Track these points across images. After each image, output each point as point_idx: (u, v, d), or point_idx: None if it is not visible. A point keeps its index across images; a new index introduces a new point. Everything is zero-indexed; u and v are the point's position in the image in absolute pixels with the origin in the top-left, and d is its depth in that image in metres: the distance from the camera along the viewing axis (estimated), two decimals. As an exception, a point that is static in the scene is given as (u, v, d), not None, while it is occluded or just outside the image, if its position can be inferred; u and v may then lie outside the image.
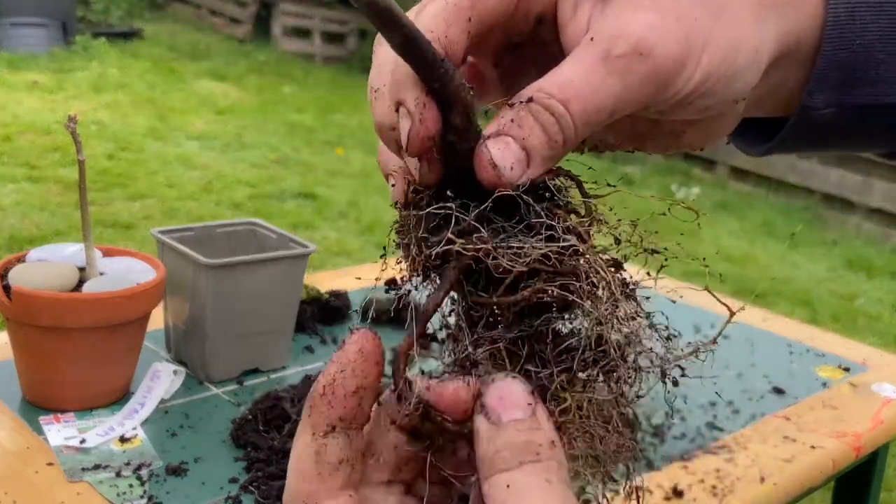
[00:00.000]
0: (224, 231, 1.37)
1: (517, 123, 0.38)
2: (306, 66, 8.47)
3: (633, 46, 0.38)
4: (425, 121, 0.37)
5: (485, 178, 0.38)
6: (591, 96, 0.38)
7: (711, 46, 0.40)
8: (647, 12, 0.39)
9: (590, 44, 0.39)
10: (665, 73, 0.39)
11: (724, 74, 0.41)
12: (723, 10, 0.40)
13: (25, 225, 4.05)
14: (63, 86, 6.57)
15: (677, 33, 0.39)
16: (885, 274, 4.71)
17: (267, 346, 1.30)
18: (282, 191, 4.97)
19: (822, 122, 0.46)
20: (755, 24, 0.41)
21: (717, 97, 0.42)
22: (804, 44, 0.44)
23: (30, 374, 1.15)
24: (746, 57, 0.41)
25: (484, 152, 0.38)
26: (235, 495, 1.00)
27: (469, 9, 0.39)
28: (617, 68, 0.38)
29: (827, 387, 1.43)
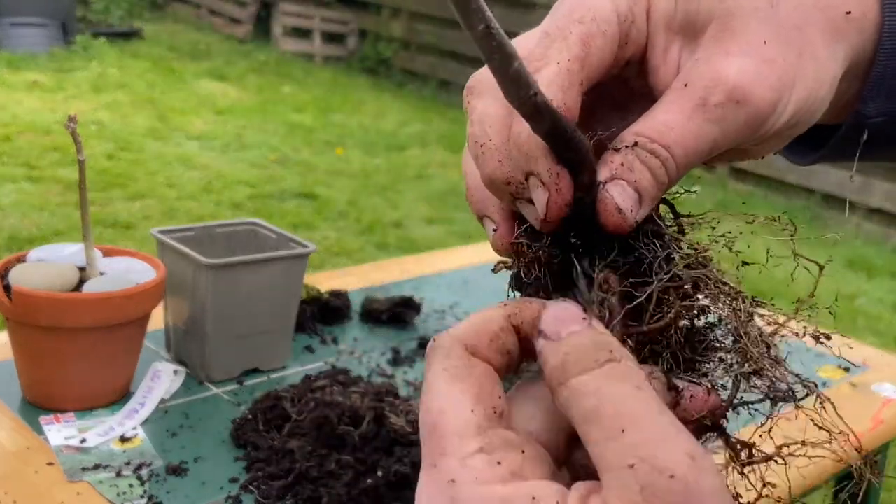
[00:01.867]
0: (224, 231, 1.37)
1: (627, 167, 0.40)
2: (306, 66, 8.47)
3: (729, 94, 0.40)
4: (561, 190, 0.40)
5: (611, 223, 0.40)
6: (691, 142, 0.41)
7: (799, 85, 0.42)
8: (737, 57, 0.41)
9: (684, 90, 0.41)
10: (760, 117, 0.41)
11: (809, 108, 0.43)
12: (804, 47, 0.42)
13: (25, 225, 4.05)
14: (63, 86, 6.57)
15: (770, 77, 0.41)
16: (886, 274, 4.71)
17: (267, 346, 1.30)
18: (282, 191, 4.97)
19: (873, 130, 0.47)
20: (829, 53, 0.43)
21: (801, 127, 0.44)
22: (863, 58, 0.46)
23: (30, 373, 1.15)
24: (827, 88, 0.43)
25: (607, 198, 0.40)
26: (235, 495, 1.00)
27: (580, 72, 0.40)
28: (715, 116, 0.40)
29: (827, 387, 1.43)
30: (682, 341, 0.41)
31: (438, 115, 7.30)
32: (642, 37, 0.43)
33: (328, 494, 0.97)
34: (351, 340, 1.45)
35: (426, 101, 7.80)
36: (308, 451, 1.04)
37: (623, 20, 0.42)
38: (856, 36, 0.45)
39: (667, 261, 0.41)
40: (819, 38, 0.43)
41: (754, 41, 0.41)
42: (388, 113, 7.16)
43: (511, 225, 0.44)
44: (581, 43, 0.41)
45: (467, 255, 1.90)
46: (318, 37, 8.93)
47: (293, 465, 1.02)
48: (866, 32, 0.45)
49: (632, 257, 0.41)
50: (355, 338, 1.46)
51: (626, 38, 0.42)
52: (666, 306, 0.41)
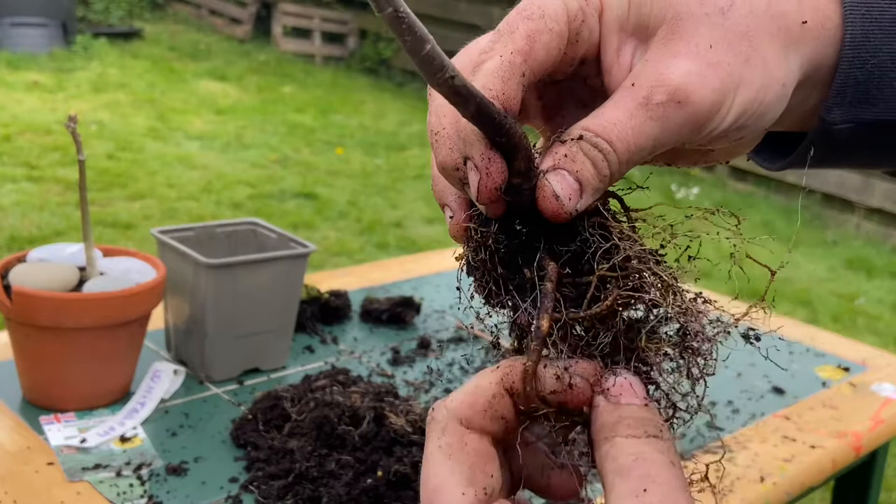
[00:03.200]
0: (224, 231, 1.37)
1: (570, 158, 0.42)
2: (306, 66, 8.47)
3: (671, 94, 0.42)
4: (492, 173, 0.42)
5: (547, 209, 0.42)
6: (633, 138, 0.42)
7: (743, 89, 0.43)
8: (683, 59, 0.43)
9: (631, 89, 0.43)
10: (701, 118, 0.43)
11: (755, 112, 0.44)
12: (752, 53, 0.44)
13: (25, 225, 4.05)
14: (63, 86, 6.57)
15: (712, 80, 0.43)
16: (885, 274, 4.71)
17: (267, 346, 1.30)
18: (282, 191, 4.97)
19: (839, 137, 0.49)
20: (781, 60, 0.45)
21: (749, 130, 0.46)
22: (824, 66, 0.47)
23: (30, 373, 1.15)
24: (775, 93, 0.45)
25: (545, 186, 0.42)
26: (235, 495, 1.00)
27: (522, 64, 0.43)
28: (657, 114, 0.42)
29: (827, 387, 1.43)
30: (623, 330, 0.43)
31: (438, 115, 7.29)
32: (594, 36, 0.45)
33: (328, 494, 0.97)
34: (351, 340, 1.45)
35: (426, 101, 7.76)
36: (308, 451, 1.04)
37: (573, 18, 0.44)
38: (813, 44, 0.46)
39: (608, 252, 0.43)
40: (769, 45, 0.44)
41: (701, 45, 0.43)
42: (388, 113, 7.16)
43: (465, 211, 0.46)
44: (526, 38, 0.43)
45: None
46: (318, 37, 8.93)
47: (293, 465, 1.02)
48: (825, 41, 0.46)
49: (574, 245, 0.43)
50: (355, 338, 1.46)
51: (575, 36, 0.44)
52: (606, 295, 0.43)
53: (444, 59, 0.38)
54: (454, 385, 1.32)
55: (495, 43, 0.44)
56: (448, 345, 1.46)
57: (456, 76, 0.38)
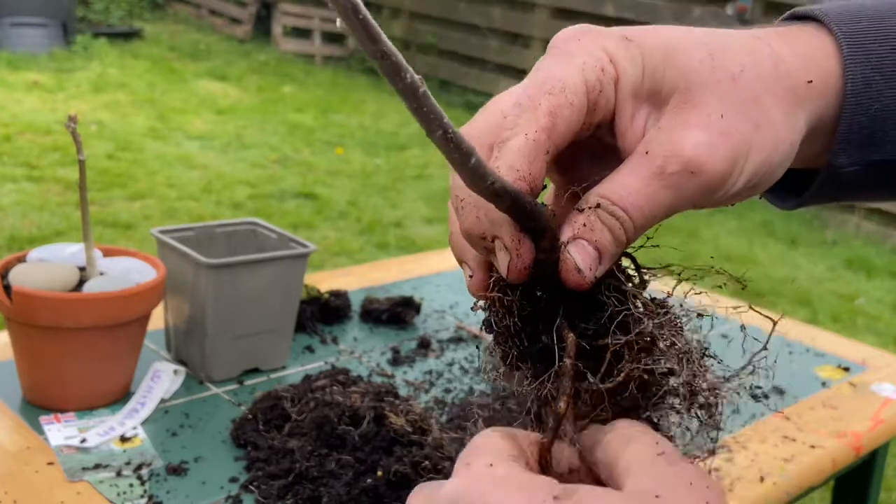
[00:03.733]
0: (224, 231, 1.37)
1: (589, 227, 0.44)
2: (306, 66, 8.47)
3: (684, 165, 0.44)
4: (522, 254, 0.44)
5: (571, 281, 0.44)
6: (647, 206, 0.44)
7: (753, 153, 0.45)
8: (696, 130, 0.44)
9: (645, 157, 0.44)
10: (713, 185, 0.45)
11: (765, 173, 0.47)
12: (761, 117, 0.46)
13: (25, 225, 4.05)
14: (63, 86, 6.57)
15: (723, 149, 0.44)
16: (885, 274, 4.71)
17: (267, 346, 1.30)
18: (282, 191, 4.97)
19: (848, 179, 0.52)
20: (788, 120, 0.47)
21: (763, 186, 0.48)
22: (827, 117, 0.49)
23: (30, 373, 1.15)
24: (784, 152, 0.47)
25: (569, 259, 0.44)
26: (236, 495, 1.00)
27: (546, 142, 0.44)
28: (670, 183, 0.44)
29: (827, 386, 1.43)
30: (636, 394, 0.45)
31: (438, 115, 7.29)
32: (611, 103, 0.46)
33: (328, 494, 0.97)
34: (351, 340, 1.45)
35: (426, 101, 7.79)
36: (308, 451, 1.04)
37: (591, 90, 0.45)
38: (817, 101, 0.48)
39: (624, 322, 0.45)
40: (776, 107, 0.46)
41: (713, 114, 0.45)
42: (388, 113, 7.16)
43: (485, 273, 0.48)
44: (549, 114, 0.44)
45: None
46: (318, 37, 8.93)
47: (293, 465, 1.02)
48: (829, 96, 0.49)
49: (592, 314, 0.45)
50: (355, 338, 1.46)
51: (594, 106, 0.46)
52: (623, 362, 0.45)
53: (486, 168, 0.40)
54: (454, 385, 1.32)
55: (518, 118, 0.44)
56: (448, 345, 1.46)
57: (496, 181, 0.40)
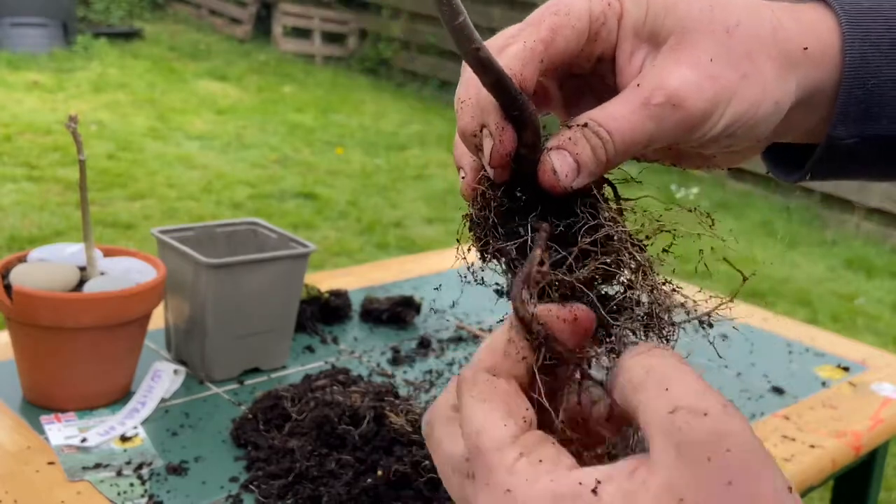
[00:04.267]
0: (224, 231, 1.37)
1: (573, 141, 0.47)
2: (306, 66, 8.47)
3: (668, 98, 0.47)
4: (504, 141, 0.47)
5: (545, 181, 0.47)
6: (629, 132, 0.47)
7: (736, 101, 0.49)
8: (684, 68, 0.48)
9: (636, 89, 0.48)
10: (692, 122, 0.48)
11: (745, 123, 0.49)
12: (751, 70, 0.49)
13: (26, 225, 4.05)
14: (63, 86, 6.57)
15: (707, 91, 0.48)
16: (885, 274, 4.71)
17: (267, 346, 1.30)
18: (282, 191, 4.97)
19: (847, 152, 0.54)
20: (778, 80, 0.50)
21: (739, 139, 0.51)
22: (826, 88, 0.52)
23: (31, 373, 1.15)
24: (767, 109, 0.50)
25: (547, 161, 0.47)
26: (236, 494, 1.00)
27: (542, 52, 0.48)
28: (654, 113, 0.48)
29: (826, 386, 1.44)
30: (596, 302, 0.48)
31: (438, 115, 7.30)
32: (612, 37, 0.50)
33: (328, 493, 0.98)
34: (351, 340, 1.45)
35: (426, 101, 7.80)
36: (308, 451, 1.04)
37: (595, 19, 0.49)
38: (813, 69, 0.52)
39: (594, 229, 0.48)
40: (768, 65, 0.50)
41: (703, 57, 0.48)
42: (388, 113, 7.17)
43: (476, 174, 0.51)
44: (549, 30, 0.48)
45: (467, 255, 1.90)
46: (318, 37, 8.93)
47: (293, 465, 1.02)
48: (826, 66, 0.52)
49: (565, 219, 0.49)
50: (355, 337, 1.46)
51: (595, 35, 0.49)
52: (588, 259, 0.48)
53: (473, 32, 0.42)
54: (454, 385, 1.32)
55: (522, 31, 0.49)
56: (448, 344, 1.46)
57: (481, 48, 0.43)
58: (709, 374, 1.44)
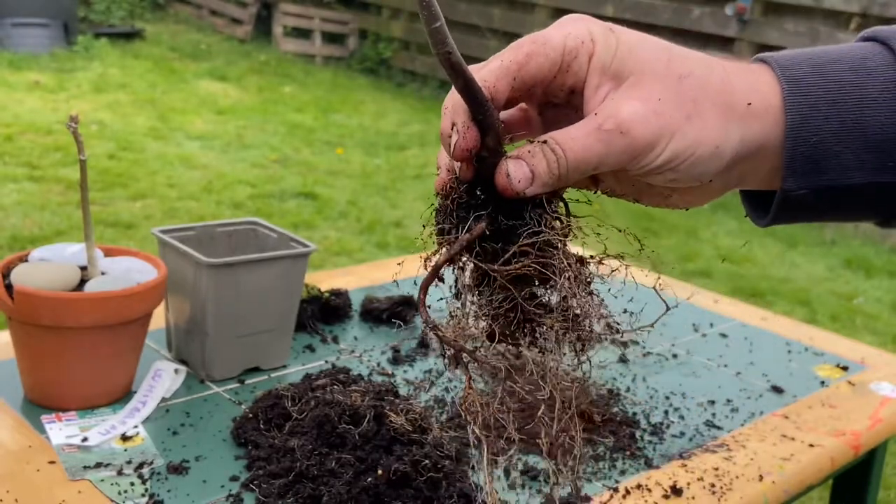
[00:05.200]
0: (225, 230, 1.37)
1: (531, 154, 0.55)
2: (306, 66, 8.47)
3: (617, 125, 0.54)
4: (467, 138, 0.54)
5: (499, 183, 0.55)
6: (581, 151, 0.55)
7: (678, 138, 0.55)
8: (636, 102, 0.55)
9: (593, 117, 0.55)
10: (637, 149, 0.55)
11: (685, 160, 0.56)
12: (694, 114, 0.55)
13: (27, 224, 4.06)
14: (64, 86, 6.57)
15: (652, 124, 0.54)
16: (884, 273, 4.71)
17: (268, 345, 1.30)
18: (282, 191, 4.98)
19: (801, 201, 0.59)
20: (720, 129, 0.56)
21: (681, 175, 0.57)
22: (770, 143, 0.58)
23: (32, 373, 1.16)
24: (706, 151, 0.56)
25: (503, 165, 0.55)
26: (236, 493, 1.01)
27: (515, 71, 0.55)
28: (603, 138, 0.54)
29: (825, 386, 1.44)
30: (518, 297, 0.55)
31: (438, 115, 7.15)
32: (582, 72, 0.57)
33: (328, 493, 0.98)
34: (351, 339, 1.45)
35: (426, 101, 7.80)
36: (308, 450, 1.04)
37: (568, 52, 0.56)
38: (755, 122, 0.57)
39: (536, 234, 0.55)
40: (711, 113, 0.56)
41: (653, 97, 0.55)
42: (388, 113, 7.17)
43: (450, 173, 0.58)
44: (525, 55, 0.56)
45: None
46: (318, 37, 8.93)
47: (294, 464, 1.03)
48: (768, 121, 0.57)
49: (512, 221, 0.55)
50: (355, 337, 1.46)
51: (567, 67, 0.56)
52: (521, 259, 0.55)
53: (447, 37, 0.49)
54: (454, 384, 1.32)
55: (503, 52, 0.56)
56: (448, 344, 1.46)
57: (452, 53, 0.50)
58: (708, 373, 1.45)
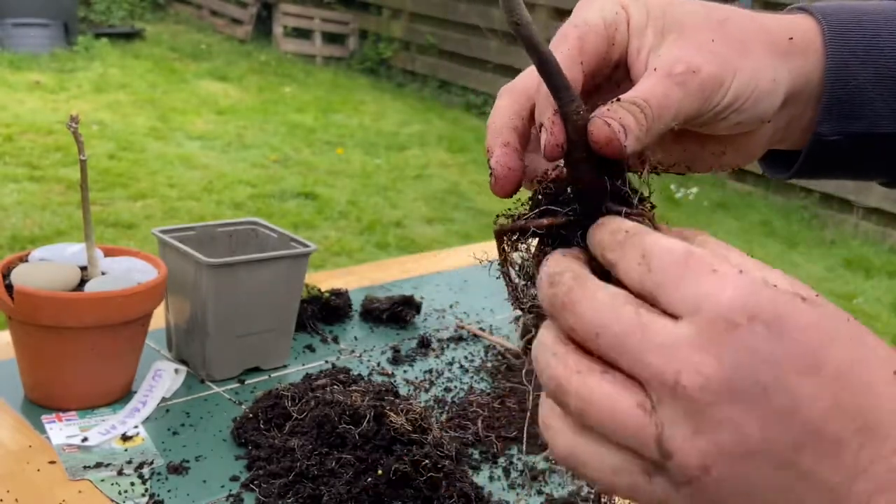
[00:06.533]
0: (225, 230, 1.37)
1: (611, 112, 0.48)
2: (307, 66, 8.47)
3: (687, 65, 0.53)
4: (555, 133, 0.49)
5: (600, 138, 0.47)
6: (663, 97, 0.51)
7: (739, 73, 0.54)
8: (691, 48, 0.54)
9: (654, 71, 0.53)
10: (710, 87, 0.53)
11: (749, 95, 0.55)
12: (745, 51, 0.55)
13: (27, 224, 4.06)
14: (65, 86, 6.57)
15: (715, 61, 0.54)
16: (884, 273, 4.71)
17: (268, 345, 1.30)
18: (282, 191, 4.98)
19: (832, 148, 0.60)
20: (769, 62, 0.56)
21: (747, 114, 0.55)
22: (812, 83, 0.58)
23: (32, 373, 1.16)
24: (766, 85, 0.55)
25: (596, 121, 0.47)
26: (237, 493, 1.01)
27: (579, 55, 0.53)
28: (678, 81, 0.52)
29: (825, 386, 1.44)
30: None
31: (438, 115, 7.30)
32: (624, 40, 0.56)
33: (329, 492, 0.98)
34: (351, 339, 1.45)
35: (426, 101, 7.80)
36: (309, 450, 1.04)
37: (608, 25, 0.55)
38: (799, 58, 0.57)
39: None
40: (760, 50, 0.56)
41: (704, 40, 0.54)
42: (388, 113, 7.17)
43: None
44: (578, 38, 0.54)
45: (467, 255, 1.91)
46: (318, 37, 8.93)
47: (294, 464, 1.03)
48: (811, 61, 0.58)
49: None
50: (356, 337, 1.46)
51: (612, 40, 0.55)
52: None
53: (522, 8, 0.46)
54: (454, 384, 1.33)
55: (554, 48, 0.53)
56: (448, 344, 1.47)
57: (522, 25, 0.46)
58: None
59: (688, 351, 0.38)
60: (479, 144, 6.48)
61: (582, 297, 0.42)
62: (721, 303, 0.38)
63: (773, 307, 0.38)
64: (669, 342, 0.38)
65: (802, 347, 0.37)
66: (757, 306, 0.38)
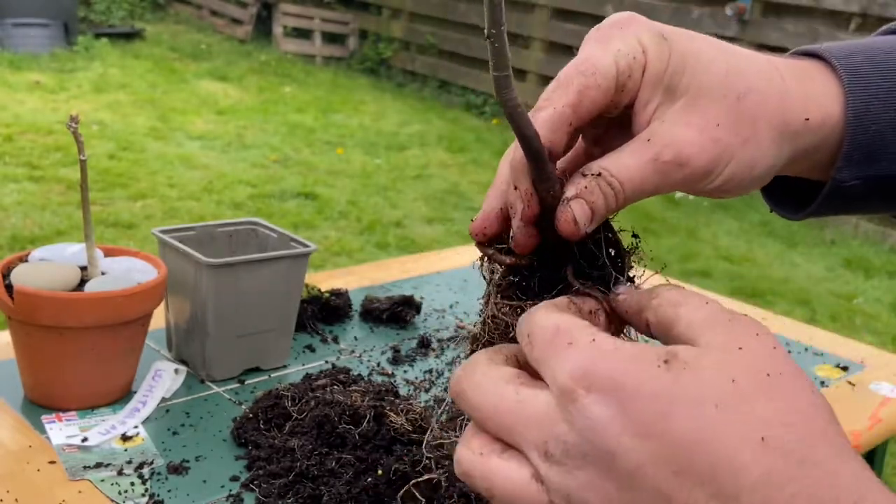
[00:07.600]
0: (225, 230, 1.37)
1: (589, 190, 0.51)
2: (307, 66, 8.47)
3: (675, 157, 0.52)
4: (531, 206, 0.51)
5: (566, 230, 0.51)
6: (638, 183, 0.52)
7: (734, 163, 0.54)
8: (693, 131, 0.53)
9: (646, 143, 0.52)
10: (695, 178, 0.54)
11: (740, 182, 0.55)
12: (751, 137, 0.54)
13: (27, 224, 4.06)
14: (65, 86, 6.58)
15: (710, 152, 0.53)
16: (883, 273, 4.71)
17: (268, 345, 1.30)
18: (282, 191, 4.98)
19: (850, 192, 0.60)
20: (774, 150, 0.56)
21: (733, 193, 0.56)
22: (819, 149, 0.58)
23: (32, 373, 1.16)
24: (761, 171, 0.56)
25: (568, 211, 0.51)
26: (236, 493, 1.01)
27: (571, 115, 0.52)
28: (661, 169, 0.52)
29: (825, 386, 1.44)
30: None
31: (438, 115, 7.30)
32: (637, 86, 0.54)
33: (329, 492, 0.98)
34: (351, 339, 1.45)
35: (426, 101, 7.80)
36: (309, 450, 1.04)
37: (621, 73, 0.53)
38: (811, 136, 0.57)
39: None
40: (769, 134, 0.55)
41: (710, 121, 0.53)
42: (388, 113, 7.17)
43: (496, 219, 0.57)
44: (577, 92, 0.52)
45: (467, 255, 1.91)
46: (318, 37, 8.93)
47: (294, 464, 1.03)
48: (823, 133, 0.58)
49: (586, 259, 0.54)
50: (356, 337, 1.46)
51: (622, 88, 0.53)
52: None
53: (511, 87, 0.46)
54: (454, 384, 1.33)
55: (553, 93, 0.52)
56: (448, 344, 1.47)
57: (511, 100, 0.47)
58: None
59: (551, 421, 0.41)
60: (478, 144, 6.48)
61: (467, 385, 0.45)
62: (565, 374, 0.41)
63: (610, 377, 0.40)
64: (539, 415, 0.42)
65: (640, 415, 0.39)
66: (594, 376, 0.40)
